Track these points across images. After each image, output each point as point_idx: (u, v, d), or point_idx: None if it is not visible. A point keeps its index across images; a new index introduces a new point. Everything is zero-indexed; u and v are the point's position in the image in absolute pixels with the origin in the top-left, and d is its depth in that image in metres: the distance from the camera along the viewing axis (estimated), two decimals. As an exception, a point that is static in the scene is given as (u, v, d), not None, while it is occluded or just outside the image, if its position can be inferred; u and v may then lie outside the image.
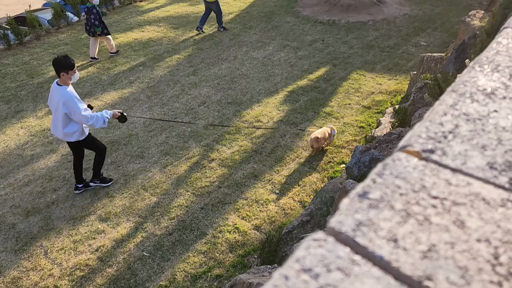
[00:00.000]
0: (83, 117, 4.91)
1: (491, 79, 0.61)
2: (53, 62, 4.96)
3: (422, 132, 0.51)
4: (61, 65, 4.91)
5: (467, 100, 0.57)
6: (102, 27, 9.48)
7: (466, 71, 0.63)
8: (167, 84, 8.82)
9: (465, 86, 0.58)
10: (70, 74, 4.97)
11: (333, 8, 12.67)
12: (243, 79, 8.84)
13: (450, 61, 6.57)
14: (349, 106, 7.76)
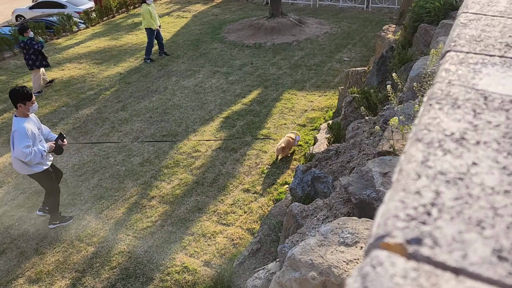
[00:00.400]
0: (21, 153, 4.76)
1: (455, 118, 0.53)
2: (10, 94, 4.89)
3: (398, 210, 0.40)
4: (18, 96, 4.81)
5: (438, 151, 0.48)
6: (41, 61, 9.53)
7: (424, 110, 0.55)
8: (95, 123, 8.35)
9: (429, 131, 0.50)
10: (28, 105, 4.86)
11: (257, 32, 12.94)
12: (176, 110, 8.62)
13: (373, 74, 6.88)
14: (285, 126, 7.83)
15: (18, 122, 4.83)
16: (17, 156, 4.81)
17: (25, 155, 4.75)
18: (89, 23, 15.34)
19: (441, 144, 0.48)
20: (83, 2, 18.72)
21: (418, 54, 5.73)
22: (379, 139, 3.60)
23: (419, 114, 0.54)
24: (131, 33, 14.17)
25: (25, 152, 4.73)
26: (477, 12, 0.81)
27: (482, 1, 0.86)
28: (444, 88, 0.60)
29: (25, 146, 4.73)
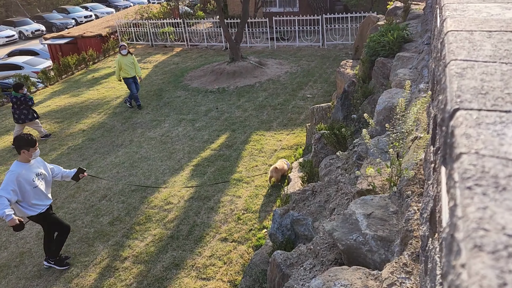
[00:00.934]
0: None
1: (508, 207, 0.43)
2: (15, 140, 5.07)
3: None
4: (23, 143, 5.00)
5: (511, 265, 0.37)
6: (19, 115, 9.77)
7: (463, 195, 0.46)
8: (58, 185, 7.94)
9: (487, 232, 0.40)
10: (31, 151, 5.08)
11: (220, 77, 13.06)
12: (144, 162, 8.37)
13: (338, 109, 6.96)
14: (257, 168, 7.72)
15: (14, 166, 5.07)
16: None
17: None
18: (48, 82, 15.05)
19: (510, 252, 0.37)
20: (40, 61, 18.47)
21: (379, 87, 5.85)
22: (355, 176, 3.54)
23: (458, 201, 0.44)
24: (92, 89, 13.97)
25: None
26: (467, 58, 0.75)
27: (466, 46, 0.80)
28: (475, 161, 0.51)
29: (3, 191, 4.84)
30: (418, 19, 7.75)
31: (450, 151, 0.56)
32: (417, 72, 4.68)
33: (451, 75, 0.71)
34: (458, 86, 0.66)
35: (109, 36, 19.29)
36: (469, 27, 0.97)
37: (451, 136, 0.57)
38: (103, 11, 33.25)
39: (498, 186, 0.48)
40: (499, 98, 0.63)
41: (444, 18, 1.08)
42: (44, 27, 29.99)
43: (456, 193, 0.48)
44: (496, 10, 1.16)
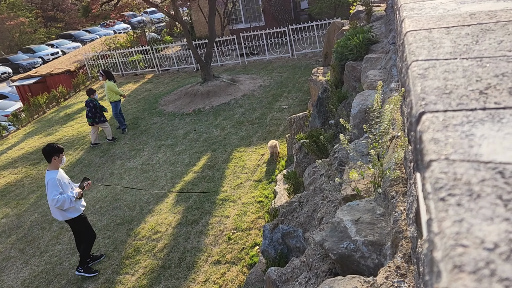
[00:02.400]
0: (51, 201, 5.54)
1: (485, 217, 0.40)
2: (44, 150, 5.62)
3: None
4: (53, 150, 5.59)
5: (495, 285, 0.35)
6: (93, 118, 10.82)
7: (437, 208, 0.43)
8: (40, 227, 7.70)
9: (465, 248, 0.37)
10: (61, 157, 5.71)
11: (194, 98, 13.03)
12: (127, 194, 8.21)
13: (315, 117, 7.00)
14: (242, 185, 7.67)
15: (50, 174, 5.63)
16: (49, 204, 5.66)
17: (54, 202, 5.50)
18: (19, 124, 14.73)
19: (492, 269, 0.35)
20: (9, 104, 18.10)
21: (352, 91, 5.92)
22: (339, 182, 3.53)
23: (433, 215, 0.42)
24: (66, 126, 13.73)
25: (54, 199, 5.49)
26: (427, 58, 0.74)
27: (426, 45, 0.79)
28: (446, 168, 0.48)
29: (54, 195, 5.48)
30: (381, 20, 7.93)
31: (421, 158, 0.54)
32: (387, 72, 4.76)
33: (414, 77, 0.69)
34: (422, 88, 0.64)
35: (78, 70, 19.11)
36: (427, 25, 0.97)
37: (419, 142, 0.55)
38: (69, 46, 32.94)
39: (472, 193, 0.45)
40: (464, 96, 0.61)
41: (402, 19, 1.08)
42: (10, 69, 29.48)
43: (430, 205, 0.46)
44: (452, 6, 1.17)
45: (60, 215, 5.78)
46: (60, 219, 5.92)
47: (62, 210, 5.69)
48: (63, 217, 5.83)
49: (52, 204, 5.58)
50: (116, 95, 11.43)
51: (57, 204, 5.53)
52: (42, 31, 37.46)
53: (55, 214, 5.84)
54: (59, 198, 5.51)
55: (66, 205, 5.60)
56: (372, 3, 9.46)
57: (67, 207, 5.65)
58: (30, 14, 36.83)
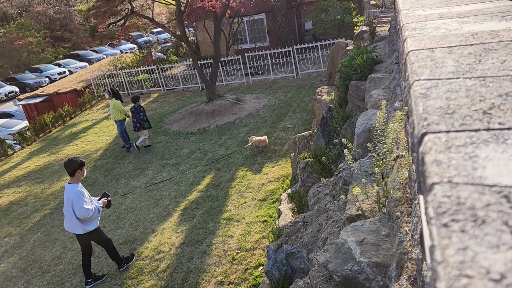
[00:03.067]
0: (84, 212, 5.69)
1: (490, 244, 0.39)
2: (68, 163, 5.75)
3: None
4: (77, 165, 5.75)
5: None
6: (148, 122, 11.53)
7: (440, 234, 0.41)
8: (43, 247, 7.65)
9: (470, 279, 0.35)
10: (83, 170, 5.87)
11: (199, 118, 13.09)
12: (131, 213, 8.17)
13: (319, 136, 7.00)
14: (246, 205, 7.61)
15: (73, 187, 5.74)
16: (80, 215, 5.71)
17: (88, 213, 5.68)
18: (25, 143, 14.83)
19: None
20: (16, 123, 18.29)
21: (356, 110, 5.92)
22: (343, 201, 3.49)
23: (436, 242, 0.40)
24: (71, 144, 13.80)
25: (88, 210, 5.68)
26: (430, 77, 0.74)
27: (428, 64, 0.79)
28: (449, 192, 0.47)
29: (85, 205, 5.67)
30: (384, 40, 8.00)
31: (423, 180, 0.52)
32: (391, 92, 4.76)
33: (416, 96, 0.68)
34: (424, 107, 0.63)
35: (84, 89, 19.34)
36: (429, 44, 0.96)
37: (422, 164, 0.54)
38: (76, 66, 33.46)
39: (476, 219, 0.44)
40: (467, 116, 0.60)
41: (404, 38, 1.08)
42: (17, 88, 29.92)
43: (433, 231, 0.44)
44: (454, 25, 1.17)
45: (80, 228, 5.88)
46: (78, 232, 5.96)
47: (82, 224, 5.84)
48: (83, 230, 5.92)
49: (85, 214, 5.70)
50: (121, 114, 11.52)
51: (89, 214, 5.72)
52: (49, 50, 38.11)
53: (74, 227, 5.89)
54: (90, 209, 5.74)
55: (95, 215, 5.84)
56: (376, 23, 9.56)
57: (94, 217, 5.89)
58: (38, 34, 37.56)
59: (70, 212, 5.78)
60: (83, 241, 6.11)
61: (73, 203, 5.69)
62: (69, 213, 5.81)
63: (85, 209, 5.71)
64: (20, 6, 38.80)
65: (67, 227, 6.01)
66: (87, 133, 14.73)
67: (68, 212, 5.83)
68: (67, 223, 5.96)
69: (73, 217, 5.79)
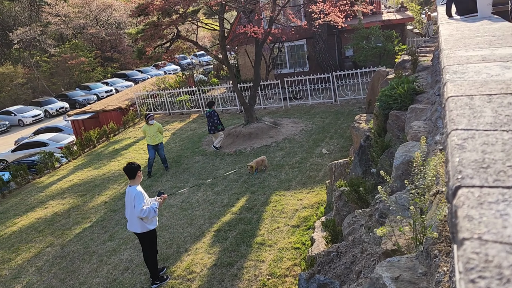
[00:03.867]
0: (141, 211, 6.07)
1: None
2: (129, 167, 6.25)
3: None
4: (136, 167, 6.30)
5: None
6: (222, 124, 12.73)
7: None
8: (81, 259, 7.92)
9: None
10: (141, 172, 6.41)
11: (236, 139, 13.28)
12: (165, 231, 8.33)
13: (356, 164, 6.92)
14: (279, 230, 7.58)
15: (134, 189, 6.20)
16: (138, 214, 6.09)
17: (143, 212, 6.08)
18: (71, 157, 15.55)
19: None
20: (64, 137, 19.25)
21: (395, 140, 5.84)
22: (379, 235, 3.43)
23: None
24: (113, 160, 14.34)
25: (144, 210, 6.08)
26: (467, 127, 0.76)
27: (466, 113, 0.81)
28: (478, 249, 0.50)
29: (142, 206, 6.08)
30: (427, 70, 7.89)
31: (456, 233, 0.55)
32: (432, 124, 4.68)
33: (452, 147, 0.71)
34: (460, 160, 0.66)
35: (129, 108, 20.14)
36: (469, 91, 0.99)
37: (455, 217, 0.57)
38: (122, 85, 35.00)
39: (502, 277, 0.46)
40: (501, 172, 0.62)
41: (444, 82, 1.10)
42: (67, 104, 31.58)
43: (461, 285, 0.47)
44: (496, 70, 1.18)
45: (140, 227, 6.27)
46: (138, 231, 6.34)
47: (143, 222, 6.23)
48: (142, 229, 6.30)
49: (141, 214, 6.07)
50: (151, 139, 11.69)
51: (145, 214, 6.08)
52: (99, 70, 40.14)
53: (134, 226, 6.31)
54: (145, 210, 6.10)
55: (151, 215, 6.19)
56: (418, 53, 9.47)
57: (151, 217, 6.24)
58: (90, 54, 39.73)
59: (133, 211, 6.16)
60: (145, 239, 6.46)
61: (134, 202, 6.10)
62: (132, 212, 6.21)
63: (142, 210, 6.07)
64: (75, 28, 41.32)
65: (129, 226, 6.44)
66: (129, 150, 15.26)
67: (131, 212, 6.23)
68: (129, 222, 6.40)
69: (135, 216, 6.18)
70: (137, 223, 6.26)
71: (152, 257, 6.60)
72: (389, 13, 21.93)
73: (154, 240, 6.62)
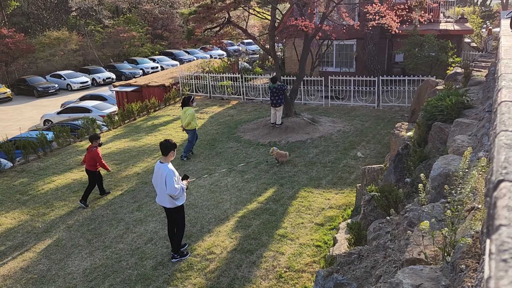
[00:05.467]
0: (174, 189, 6.25)
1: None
2: (165, 144, 6.42)
3: None
4: (172, 146, 6.44)
5: None
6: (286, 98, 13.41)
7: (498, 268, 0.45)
8: (109, 224, 8.25)
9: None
10: (175, 152, 6.56)
11: (272, 131, 13.31)
12: (191, 209, 8.52)
13: (390, 171, 6.79)
14: (303, 225, 7.58)
15: (166, 166, 6.32)
16: (170, 192, 6.26)
17: (176, 191, 6.25)
18: (111, 126, 16.11)
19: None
20: (107, 106, 19.95)
21: (435, 152, 5.69)
22: (405, 243, 3.39)
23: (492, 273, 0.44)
24: (150, 135, 14.74)
25: (176, 188, 6.26)
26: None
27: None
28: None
29: (175, 184, 6.25)
30: (479, 85, 7.59)
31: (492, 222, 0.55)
32: (477, 140, 4.53)
33: (500, 145, 0.71)
34: (506, 157, 0.66)
35: (171, 86, 20.57)
36: (523, 99, 0.96)
37: (493, 207, 0.57)
38: (168, 63, 35.74)
39: (533, 260, 0.47)
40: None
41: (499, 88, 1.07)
42: (114, 75, 32.65)
43: (492, 265, 0.47)
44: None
45: (169, 202, 6.46)
46: (168, 206, 6.54)
47: (172, 199, 6.42)
48: (172, 204, 6.49)
49: (174, 192, 6.24)
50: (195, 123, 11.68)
51: (177, 192, 6.27)
52: (148, 46, 41.13)
53: (164, 201, 6.52)
54: (178, 188, 6.29)
55: (179, 194, 6.38)
56: (473, 67, 9.11)
57: (178, 196, 6.42)
58: (141, 30, 40.77)
59: (163, 187, 6.31)
60: (173, 214, 6.66)
61: (166, 180, 6.23)
62: (162, 188, 6.35)
63: (175, 188, 6.24)
64: (131, 3, 42.45)
65: (158, 200, 6.64)
66: (167, 127, 15.63)
67: (161, 188, 6.38)
68: (158, 196, 6.59)
69: (165, 192, 6.33)
70: (167, 198, 6.43)
71: (179, 231, 6.80)
72: (447, 22, 21.10)
73: (182, 215, 6.81)
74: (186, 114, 11.47)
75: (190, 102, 11.69)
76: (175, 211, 6.65)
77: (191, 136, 11.82)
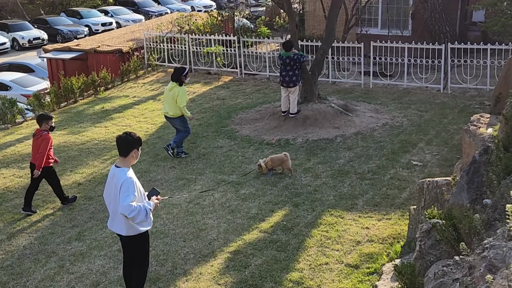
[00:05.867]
0: (127, 208, 5.90)
1: None
2: (123, 140, 6.30)
3: None
4: (134, 142, 6.31)
5: None
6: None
7: None
8: (34, 259, 8.30)
9: None
10: (139, 151, 6.45)
11: (283, 123, 13.31)
12: (159, 240, 8.57)
13: (462, 188, 6.82)
14: (327, 267, 7.62)
15: (123, 172, 6.17)
16: (123, 211, 5.98)
17: (131, 211, 5.92)
18: (40, 111, 16.14)
19: None
20: (34, 81, 20.07)
21: (531, 160, 5.71)
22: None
23: None
24: (99, 125, 14.81)
25: (132, 207, 5.92)
26: None
27: None
28: None
29: (131, 200, 5.96)
30: None
31: None
32: None
33: None
34: None
35: (132, 53, 20.59)
36: None
37: None
38: (128, 18, 35.88)
39: None
40: None
41: None
42: (46, 35, 32.73)
43: None
44: None
45: (126, 227, 6.30)
46: (124, 233, 6.40)
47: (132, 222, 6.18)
48: (130, 231, 6.33)
49: (126, 212, 5.93)
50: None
51: (131, 214, 5.93)
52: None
53: (118, 225, 6.38)
54: (135, 207, 5.95)
55: (139, 218, 6.06)
56: None
57: (138, 221, 6.14)
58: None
59: (117, 205, 6.13)
60: (132, 246, 6.54)
61: (120, 192, 6.03)
62: (116, 206, 6.19)
63: (128, 205, 5.93)
64: None
65: (110, 224, 6.59)
66: (124, 114, 15.70)
67: (115, 205, 6.22)
68: (111, 219, 6.51)
69: (118, 212, 6.17)
70: (123, 221, 6.27)
71: (140, 273, 6.69)
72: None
73: (146, 248, 6.72)
74: (174, 93, 11.67)
75: (182, 77, 11.75)
76: (135, 242, 6.54)
77: (181, 124, 12.09)
